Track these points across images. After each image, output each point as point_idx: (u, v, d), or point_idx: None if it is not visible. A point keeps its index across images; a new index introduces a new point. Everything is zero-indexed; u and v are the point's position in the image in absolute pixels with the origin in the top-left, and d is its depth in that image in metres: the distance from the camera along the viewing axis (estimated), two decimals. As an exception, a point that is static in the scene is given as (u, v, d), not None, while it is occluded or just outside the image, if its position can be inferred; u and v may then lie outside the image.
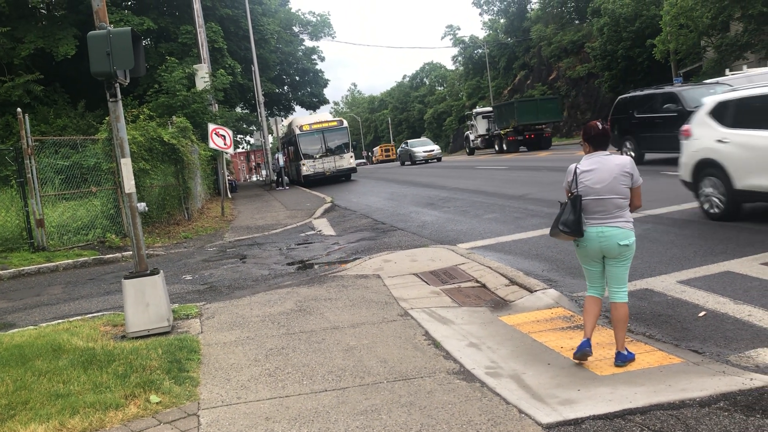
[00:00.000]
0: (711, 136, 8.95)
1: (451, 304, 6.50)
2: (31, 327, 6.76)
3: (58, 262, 11.16)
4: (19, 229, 12.13)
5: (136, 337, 5.95)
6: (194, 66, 24.77)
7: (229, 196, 25.16)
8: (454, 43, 78.96)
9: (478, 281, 7.28)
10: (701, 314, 5.41)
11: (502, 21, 71.49)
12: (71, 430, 4.01)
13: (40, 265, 11.00)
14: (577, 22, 58.93)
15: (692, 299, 5.80)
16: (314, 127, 28.82)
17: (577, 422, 3.65)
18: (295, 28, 43.78)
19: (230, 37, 31.40)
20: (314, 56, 44.31)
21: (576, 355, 4.54)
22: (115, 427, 4.05)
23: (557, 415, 3.77)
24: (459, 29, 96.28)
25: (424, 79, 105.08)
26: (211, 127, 17.36)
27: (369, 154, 79.45)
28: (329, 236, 12.50)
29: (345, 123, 29.95)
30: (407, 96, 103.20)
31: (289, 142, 32.54)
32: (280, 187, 29.65)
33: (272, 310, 6.71)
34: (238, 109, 39.95)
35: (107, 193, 13.38)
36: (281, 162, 31.25)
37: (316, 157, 28.40)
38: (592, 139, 4.57)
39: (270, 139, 41.26)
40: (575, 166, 4.60)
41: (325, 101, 46.44)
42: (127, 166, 6.26)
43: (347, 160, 29.03)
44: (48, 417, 4.15)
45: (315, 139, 28.61)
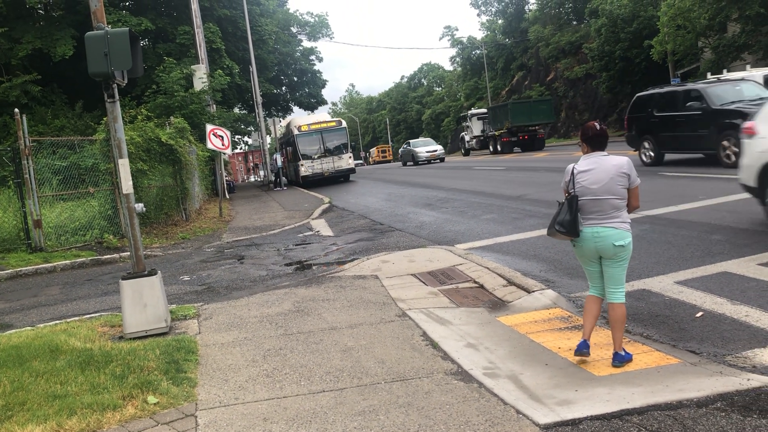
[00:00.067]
0: None
1: (448, 305, 6.50)
2: (29, 328, 6.75)
3: (55, 263, 11.15)
4: (17, 230, 12.12)
5: (134, 338, 5.95)
6: (192, 66, 24.76)
7: (227, 196, 25.14)
8: (452, 43, 79.08)
9: (476, 282, 7.29)
10: (698, 315, 5.41)
11: (500, 22, 71.57)
12: (68, 431, 4.01)
13: (37, 266, 10.98)
14: (574, 22, 59.05)
15: (690, 300, 5.80)
16: (313, 127, 28.70)
17: (575, 423, 3.66)
18: (293, 29, 43.78)
19: (228, 38, 31.39)
20: (312, 57, 44.33)
21: (575, 355, 4.58)
22: (113, 428, 4.05)
23: (555, 415, 3.77)
24: (457, 30, 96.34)
25: (422, 80, 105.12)
26: (209, 127, 17.34)
27: (366, 155, 79.58)
28: (327, 237, 12.50)
29: (344, 123, 29.86)
30: (405, 97, 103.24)
31: (287, 142, 32.48)
32: (278, 188, 29.64)
33: (270, 310, 6.71)
34: (236, 110, 39.93)
35: (105, 194, 13.37)
36: (279, 162, 31.22)
37: (314, 158, 28.28)
38: (590, 139, 4.57)
39: (268, 140, 41.26)
40: (573, 167, 4.61)
41: (323, 102, 46.48)
42: (124, 167, 6.25)
43: (346, 161, 28.90)
44: (45, 418, 4.15)
45: (313, 140, 28.49)
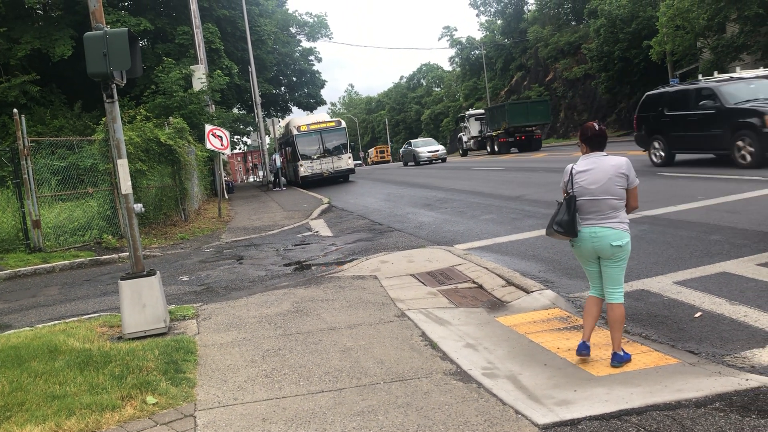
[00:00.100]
0: None
1: (447, 305, 6.50)
2: (28, 328, 6.74)
3: (54, 263, 11.14)
4: (16, 230, 12.12)
5: (133, 338, 5.94)
6: (191, 67, 24.73)
7: (226, 197, 25.13)
8: (451, 44, 79.09)
9: (474, 282, 7.29)
10: (697, 315, 5.42)
11: (499, 22, 71.62)
12: (67, 431, 4.01)
13: (36, 266, 10.97)
14: (573, 23, 59.11)
15: (688, 300, 5.81)
16: (312, 127, 28.63)
17: (574, 423, 3.66)
18: (292, 29, 43.75)
19: (227, 38, 31.36)
20: (311, 57, 44.30)
21: (577, 356, 4.61)
22: (112, 429, 4.04)
23: (554, 415, 3.78)
24: (456, 30, 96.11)
25: (421, 80, 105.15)
26: (208, 127, 17.34)
27: (364, 155, 79.67)
28: (326, 237, 12.50)
29: (343, 123, 29.80)
30: (404, 97, 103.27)
31: (286, 142, 32.43)
32: (277, 188, 29.62)
33: (269, 311, 6.71)
34: (235, 110, 39.91)
35: (104, 194, 13.36)
36: (278, 163, 31.19)
37: (313, 158, 28.22)
38: (589, 140, 4.58)
39: (267, 140, 41.22)
40: (571, 167, 4.62)
41: (322, 102, 46.46)
42: (123, 167, 6.25)
43: (345, 161, 28.82)
44: (44, 418, 4.15)
45: (313, 140, 28.43)
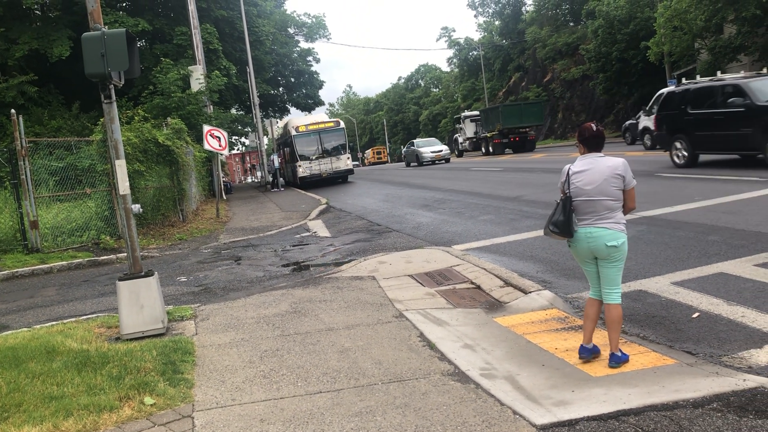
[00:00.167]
0: None
1: (446, 306, 6.50)
2: (25, 329, 6.73)
3: (52, 264, 11.13)
4: (13, 231, 12.10)
5: (131, 339, 5.94)
6: (189, 67, 24.69)
7: (224, 197, 25.11)
8: (449, 45, 79.05)
9: (473, 283, 7.29)
10: (695, 315, 5.43)
11: (497, 23, 71.67)
12: (65, 433, 4.00)
13: (34, 267, 10.96)
14: (571, 24, 59.16)
15: (686, 300, 5.82)
16: (311, 128, 28.57)
17: (571, 423, 3.67)
18: (291, 30, 43.76)
19: (225, 39, 31.32)
20: (309, 58, 44.30)
21: (579, 359, 4.64)
22: (109, 429, 4.04)
23: (551, 416, 3.78)
24: (454, 31, 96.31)
25: (420, 81, 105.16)
26: (206, 128, 17.32)
27: (362, 156, 79.75)
28: (324, 238, 12.49)
29: (342, 124, 29.74)
30: (402, 98, 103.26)
31: (284, 143, 32.38)
32: (276, 189, 29.58)
33: (267, 311, 6.71)
34: (233, 111, 39.89)
35: (102, 195, 13.34)
36: (276, 163, 31.16)
37: (312, 159, 28.16)
38: (587, 140, 4.58)
39: (265, 141, 41.17)
40: (569, 167, 4.62)
41: (321, 103, 46.47)
42: (121, 168, 6.25)
43: (344, 162, 28.75)
44: (42, 419, 4.14)
45: (311, 141, 28.38)
